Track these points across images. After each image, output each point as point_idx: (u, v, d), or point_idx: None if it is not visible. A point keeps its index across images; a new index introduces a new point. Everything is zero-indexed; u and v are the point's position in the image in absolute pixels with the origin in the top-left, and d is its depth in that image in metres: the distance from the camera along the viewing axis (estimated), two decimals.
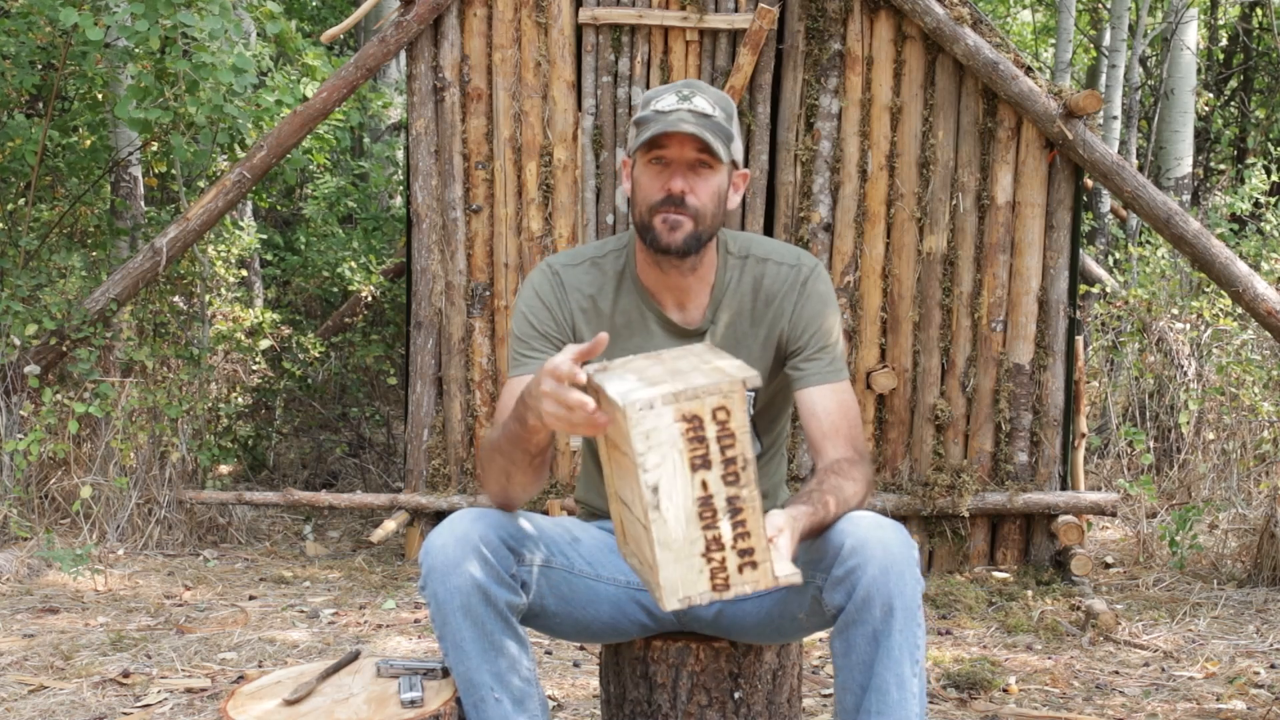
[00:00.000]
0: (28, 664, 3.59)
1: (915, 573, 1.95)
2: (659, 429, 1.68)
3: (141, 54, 5.37)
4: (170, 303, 5.74)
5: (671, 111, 2.09)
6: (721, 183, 2.14)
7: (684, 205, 2.10)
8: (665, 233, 2.11)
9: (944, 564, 4.80)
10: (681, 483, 1.69)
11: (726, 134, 2.12)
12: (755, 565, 1.72)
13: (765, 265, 2.23)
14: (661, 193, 2.11)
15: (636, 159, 2.14)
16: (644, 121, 2.11)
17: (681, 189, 2.10)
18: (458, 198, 4.85)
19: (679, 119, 2.07)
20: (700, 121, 2.08)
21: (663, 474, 1.69)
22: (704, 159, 2.10)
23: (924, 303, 4.75)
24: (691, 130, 2.05)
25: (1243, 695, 3.41)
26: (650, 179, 2.12)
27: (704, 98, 2.11)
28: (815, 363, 2.19)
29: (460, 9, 4.80)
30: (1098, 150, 4.59)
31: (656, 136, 2.07)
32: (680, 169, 2.10)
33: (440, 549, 1.98)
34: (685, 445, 1.69)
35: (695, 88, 2.13)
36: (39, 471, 5.10)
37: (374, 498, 5.04)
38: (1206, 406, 5.70)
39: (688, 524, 1.70)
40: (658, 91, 2.15)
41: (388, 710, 2.03)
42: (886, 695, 1.96)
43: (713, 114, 2.10)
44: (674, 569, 1.70)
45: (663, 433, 1.68)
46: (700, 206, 2.11)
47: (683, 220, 2.10)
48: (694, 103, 2.10)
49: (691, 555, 1.71)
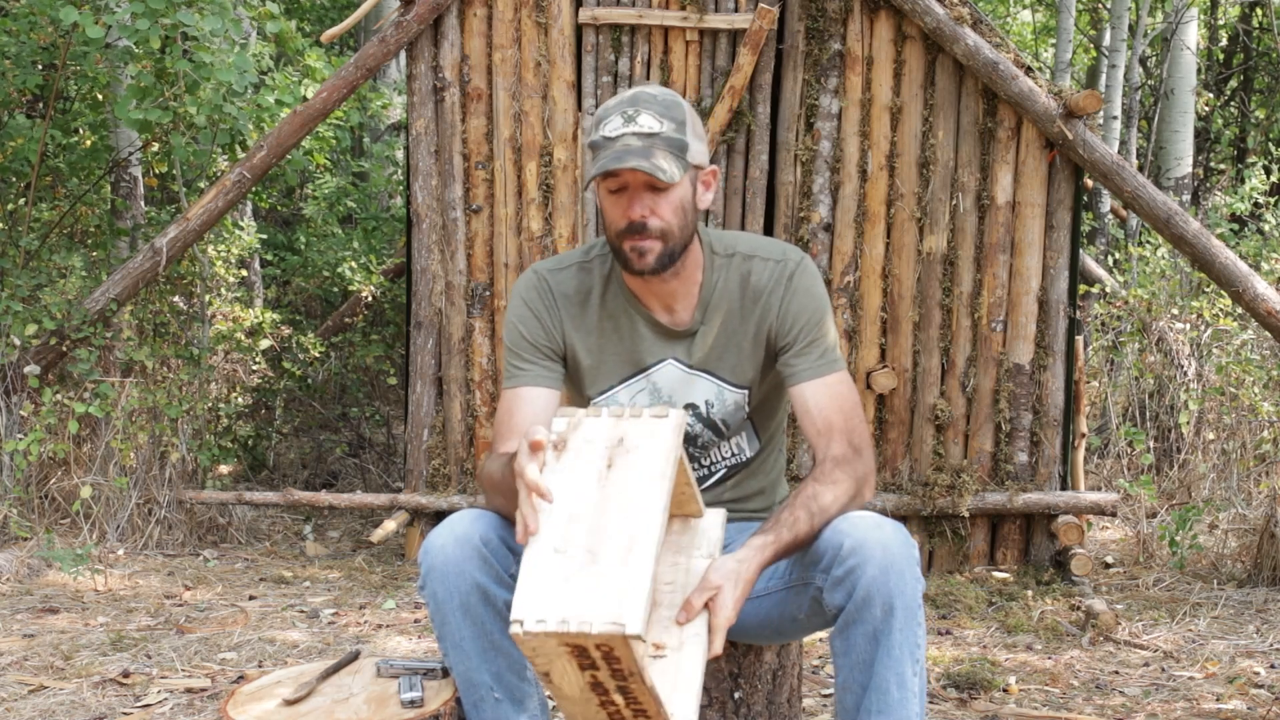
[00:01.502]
0: (28, 664, 3.59)
1: (915, 572, 1.95)
2: (543, 650, 1.73)
3: (142, 54, 5.37)
4: (170, 303, 5.74)
5: (618, 138, 2.07)
6: (684, 194, 2.12)
7: (646, 230, 2.09)
8: (636, 259, 2.12)
9: (944, 564, 4.80)
10: (572, 673, 1.75)
11: (678, 145, 2.08)
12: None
13: (751, 262, 2.23)
14: (624, 220, 2.10)
15: (595, 185, 2.14)
16: (595, 147, 2.10)
17: (641, 215, 2.09)
18: (458, 198, 4.85)
19: (624, 148, 2.05)
20: (647, 143, 2.05)
21: (552, 668, 1.76)
22: (658, 182, 2.07)
23: (924, 303, 4.75)
24: (633, 165, 2.03)
25: (1243, 695, 3.41)
26: (611, 206, 2.12)
27: (650, 113, 2.08)
28: (805, 358, 2.17)
29: (460, 9, 4.80)
30: (1098, 150, 4.59)
31: (606, 171, 2.06)
32: (638, 192, 2.09)
33: (440, 549, 1.98)
34: (571, 658, 1.73)
35: (641, 102, 2.10)
36: (39, 471, 5.10)
37: (374, 498, 5.04)
38: (1206, 406, 5.70)
39: (584, 702, 1.79)
40: (605, 110, 2.12)
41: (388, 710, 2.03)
42: (887, 694, 1.96)
43: (660, 130, 2.07)
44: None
45: (549, 651, 1.73)
46: (665, 225, 2.10)
47: (649, 246, 2.10)
48: (639, 123, 2.07)
49: (595, 717, 1.81)
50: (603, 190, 2.12)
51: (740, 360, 2.22)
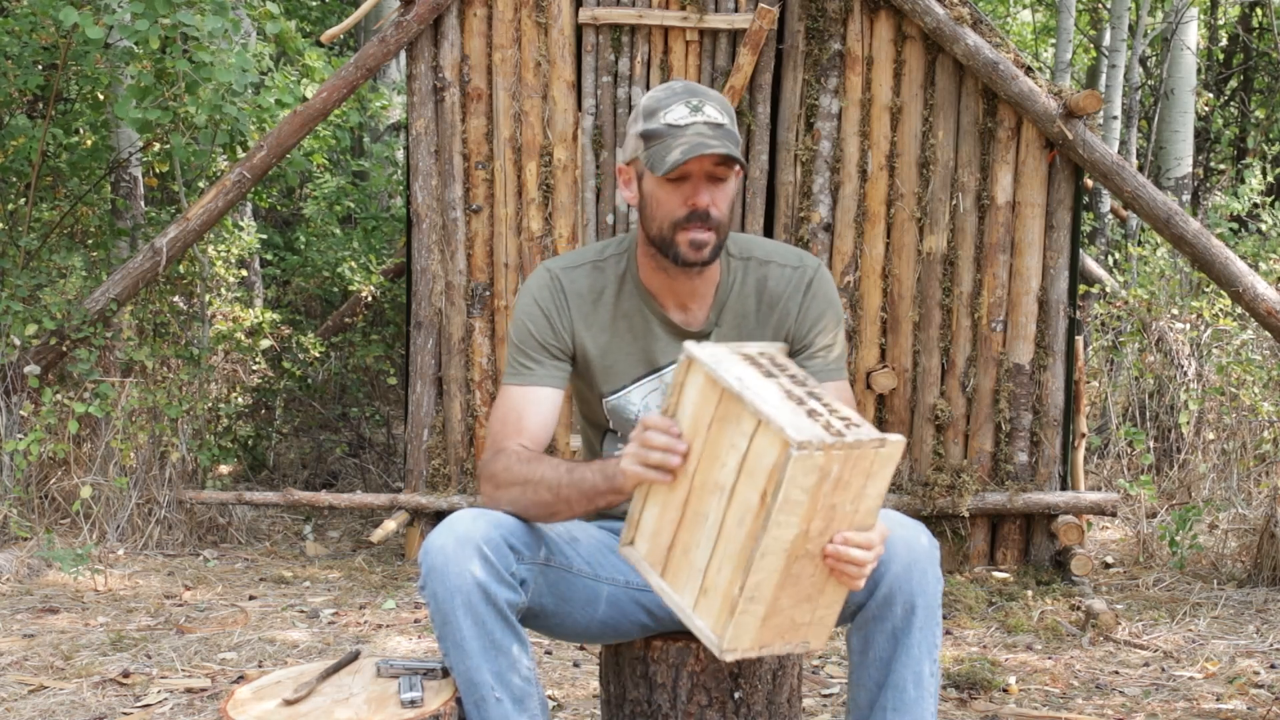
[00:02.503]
0: (28, 664, 3.59)
1: (937, 571, 1.96)
2: (799, 487, 1.69)
3: (142, 54, 5.37)
4: (170, 303, 5.74)
5: (688, 125, 2.06)
6: (736, 188, 2.15)
7: (708, 220, 2.09)
8: (692, 252, 2.09)
9: (944, 564, 4.78)
10: (789, 536, 1.72)
11: (736, 140, 2.10)
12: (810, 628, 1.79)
13: (768, 267, 2.23)
14: (685, 208, 2.08)
15: (647, 172, 2.11)
16: (657, 135, 2.07)
17: (707, 203, 2.08)
18: (458, 198, 4.85)
19: (700, 137, 2.04)
20: (719, 134, 2.06)
21: (782, 528, 1.71)
22: (722, 171, 2.08)
23: (924, 303, 4.75)
24: (724, 151, 2.02)
25: (1243, 695, 3.41)
26: (669, 194, 2.09)
27: (713, 106, 2.09)
28: (817, 361, 2.20)
29: (460, 9, 4.80)
30: (1098, 150, 4.59)
31: (697, 155, 2.03)
32: (701, 182, 2.07)
33: (440, 548, 1.98)
34: (809, 501, 1.70)
35: (700, 95, 2.10)
36: (39, 471, 5.10)
37: (374, 498, 5.04)
38: (1206, 406, 5.70)
39: (774, 577, 1.74)
40: (661, 99, 2.10)
41: (388, 710, 2.03)
42: (904, 693, 1.96)
43: (724, 122, 2.08)
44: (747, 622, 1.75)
45: (799, 492, 1.69)
46: (722, 218, 2.10)
47: (707, 238, 2.09)
48: (706, 113, 2.07)
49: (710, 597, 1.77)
50: (657, 179, 2.09)
51: None
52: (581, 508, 2.02)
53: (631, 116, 2.18)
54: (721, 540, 1.77)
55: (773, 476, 1.69)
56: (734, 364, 1.84)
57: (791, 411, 1.73)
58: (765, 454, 1.71)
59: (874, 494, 1.75)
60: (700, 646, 2.24)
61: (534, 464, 2.06)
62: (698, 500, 1.82)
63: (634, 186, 2.16)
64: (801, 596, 1.78)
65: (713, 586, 1.78)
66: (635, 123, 2.13)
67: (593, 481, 1.98)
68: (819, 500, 1.70)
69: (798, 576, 1.75)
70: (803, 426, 1.69)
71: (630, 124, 2.16)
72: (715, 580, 1.78)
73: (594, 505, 2.01)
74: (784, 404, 1.75)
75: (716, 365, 1.81)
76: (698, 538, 1.81)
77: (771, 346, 1.95)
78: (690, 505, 1.84)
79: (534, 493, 2.04)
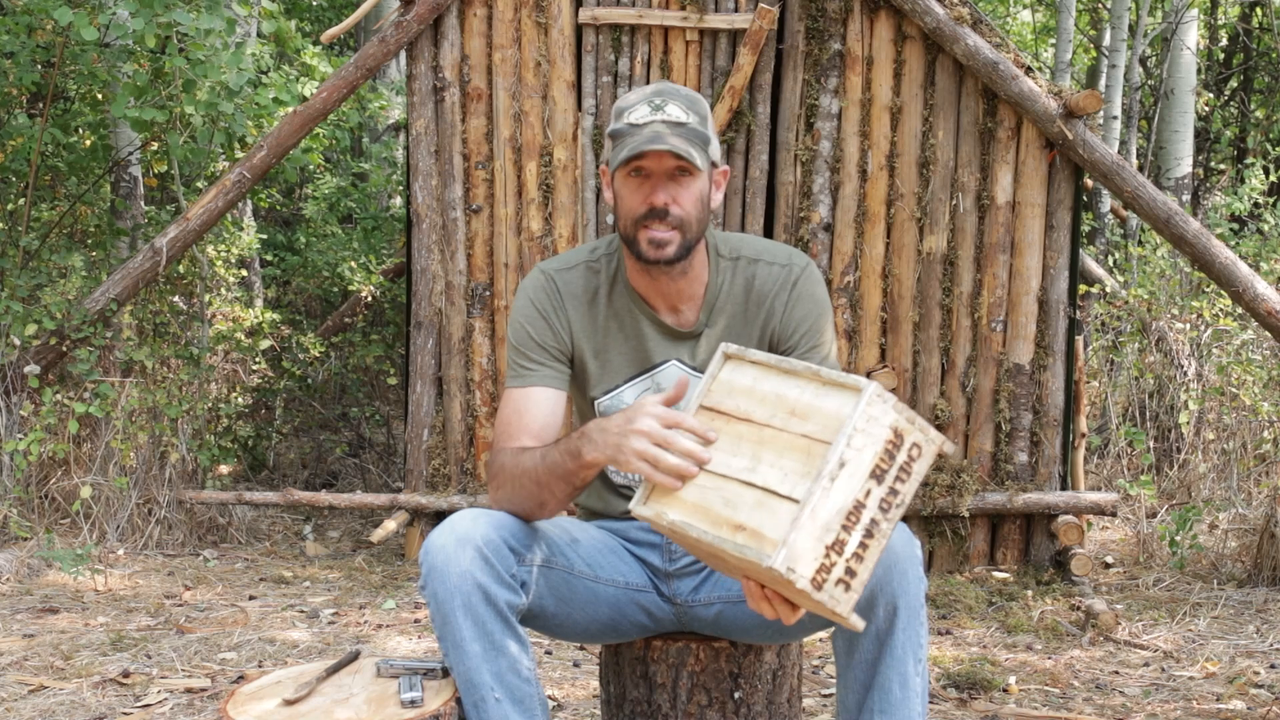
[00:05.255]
0: (28, 664, 3.59)
1: (919, 572, 1.96)
2: (877, 421, 1.72)
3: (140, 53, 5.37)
4: (170, 303, 5.75)
5: (646, 124, 2.08)
6: (703, 187, 2.14)
7: (667, 216, 2.10)
8: (651, 249, 2.11)
9: (944, 564, 4.80)
10: (859, 476, 1.72)
11: (703, 138, 2.11)
12: (847, 588, 1.73)
13: (756, 266, 2.23)
14: (644, 205, 2.10)
15: (615, 173, 2.13)
16: (618, 135, 2.11)
17: (665, 201, 2.09)
18: (458, 198, 4.85)
19: (654, 134, 2.06)
20: (676, 131, 2.07)
21: (853, 458, 1.72)
22: (683, 166, 2.09)
23: (924, 303, 4.75)
24: (667, 147, 2.04)
25: (1243, 695, 3.41)
26: (631, 192, 2.11)
27: (677, 104, 2.10)
28: (805, 359, 2.18)
29: (460, 9, 4.80)
30: (1098, 150, 4.59)
31: (638, 152, 2.06)
32: (660, 180, 2.09)
33: (441, 549, 1.98)
34: (882, 449, 1.73)
35: (667, 94, 2.11)
36: (39, 471, 5.10)
37: (374, 498, 5.04)
38: (1206, 406, 5.70)
39: (836, 513, 1.71)
40: (629, 101, 2.13)
41: (388, 710, 2.03)
42: (889, 694, 1.96)
43: (687, 120, 2.09)
44: (800, 539, 1.69)
45: (877, 427, 1.72)
46: (684, 215, 2.11)
47: (668, 237, 2.10)
48: (667, 111, 2.08)
49: (819, 541, 1.70)
50: (621, 178, 2.12)
51: None
52: (562, 491, 2.02)
53: None
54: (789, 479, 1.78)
55: (835, 415, 1.75)
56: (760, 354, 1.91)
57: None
58: (832, 400, 1.77)
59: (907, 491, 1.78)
60: (700, 647, 2.24)
61: (521, 458, 2.07)
62: (738, 459, 1.84)
63: (610, 186, 2.18)
64: None
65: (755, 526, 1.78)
66: (610, 124, 2.15)
67: (560, 460, 1.99)
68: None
69: None
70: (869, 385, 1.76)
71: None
72: (755, 516, 1.78)
73: (571, 485, 2.01)
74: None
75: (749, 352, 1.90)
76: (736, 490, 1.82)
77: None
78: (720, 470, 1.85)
79: (522, 486, 2.05)
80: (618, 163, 2.08)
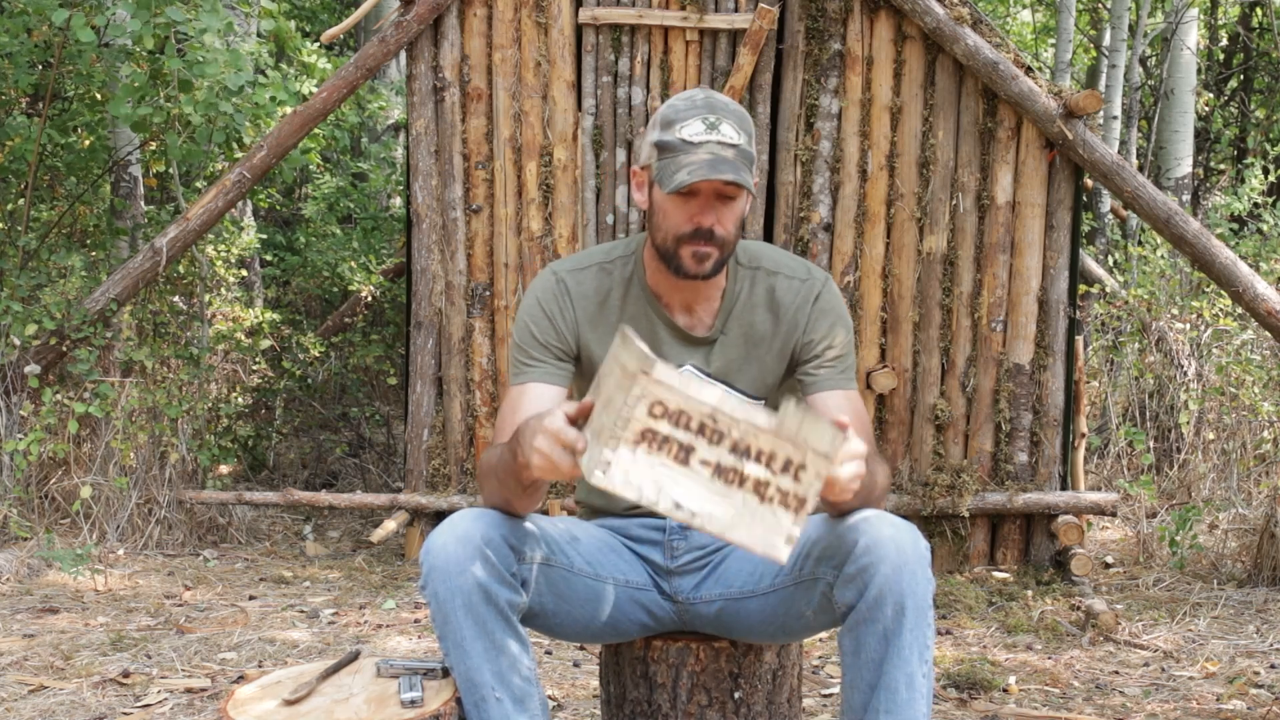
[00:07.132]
0: (28, 664, 3.59)
1: (927, 573, 1.96)
2: (632, 471, 1.63)
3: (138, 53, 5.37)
4: (170, 303, 5.75)
5: (701, 144, 2.05)
6: (744, 207, 2.14)
7: (713, 238, 2.10)
8: (693, 265, 2.11)
9: (944, 564, 4.80)
10: (685, 481, 1.64)
11: (751, 159, 2.10)
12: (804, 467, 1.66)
13: (776, 278, 2.23)
14: (690, 225, 2.09)
15: (656, 183, 2.10)
16: (669, 148, 2.07)
17: (711, 223, 2.09)
18: (458, 198, 4.85)
19: (713, 158, 2.04)
20: (730, 154, 2.05)
21: (664, 493, 1.63)
22: (732, 191, 2.08)
23: (924, 303, 4.75)
24: (731, 178, 2.02)
25: (1243, 695, 3.41)
26: (675, 208, 2.10)
27: (730, 123, 2.08)
28: (829, 369, 2.20)
29: (460, 9, 4.80)
30: (1098, 150, 4.59)
31: (703, 180, 2.03)
32: (709, 200, 2.08)
33: (441, 548, 1.98)
34: (657, 457, 1.63)
35: (718, 110, 2.09)
36: (39, 471, 5.10)
37: (374, 498, 5.04)
38: (1206, 406, 5.70)
39: (724, 500, 1.65)
40: (680, 110, 2.10)
41: (388, 710, 2.03)
42: (896, 694, 1.96)
43: (739, 142, 2.07)
44: (752, 532, 1.65)
45: (637, 471, 1.63)
46: (727, 235, 2.11)
47: (711, 252, 2.10)
48: (722, 131, 2.06)
49: (755, 513, 1.65)
50: (663, 192, 2.10)
51: (762, 374, 2.23)
52: (516, 488, 1.98)
53: (650, 121, 2.17)
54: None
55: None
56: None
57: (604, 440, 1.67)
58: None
59: None
60: (700, 647, 2.24)
61: (491, 454, 2.07)
62: None
63: (645, 191, 2.17)
64: None
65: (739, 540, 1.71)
66: (653, 129, 2.13)
67: (506, 458, 1.96)
68: None
69: None
70: (599, 453, 1.64)
71: (649, 128, 2.16)
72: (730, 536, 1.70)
73: (520, 483, 1.96)
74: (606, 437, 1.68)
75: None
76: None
77: None
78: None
79: (492, 483, 2.05)
80: (674, 186, 2.04)
